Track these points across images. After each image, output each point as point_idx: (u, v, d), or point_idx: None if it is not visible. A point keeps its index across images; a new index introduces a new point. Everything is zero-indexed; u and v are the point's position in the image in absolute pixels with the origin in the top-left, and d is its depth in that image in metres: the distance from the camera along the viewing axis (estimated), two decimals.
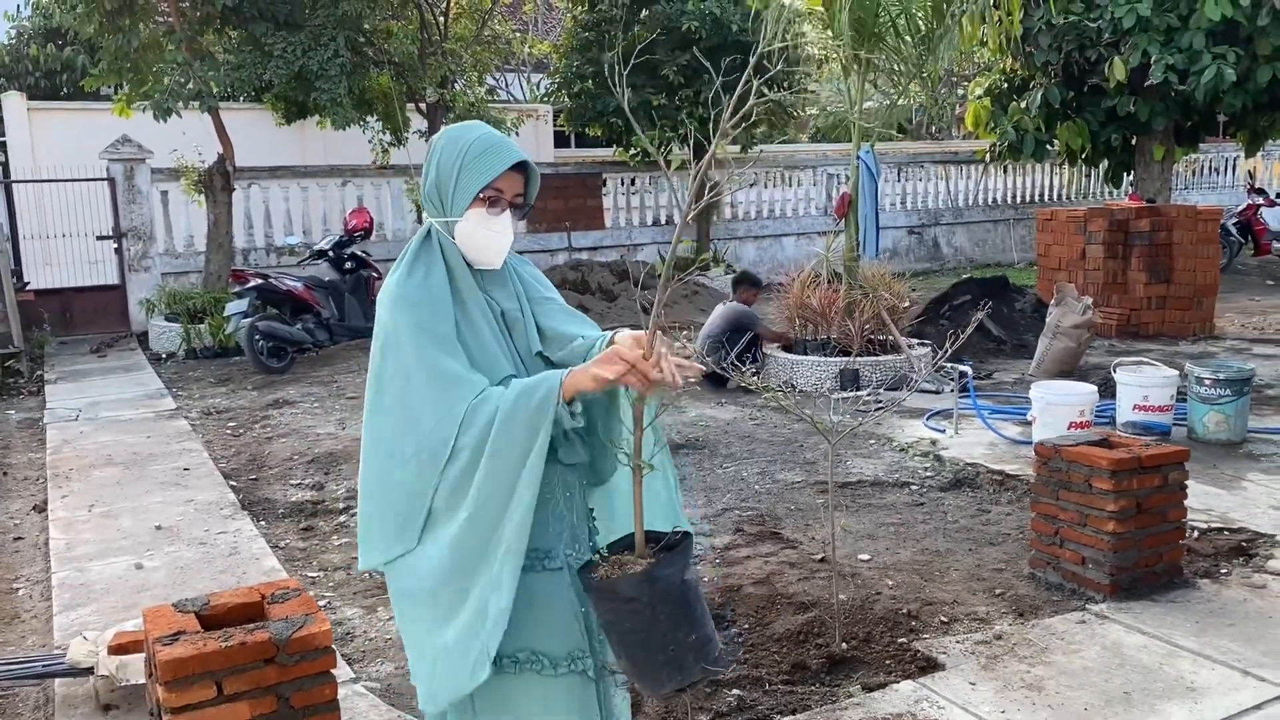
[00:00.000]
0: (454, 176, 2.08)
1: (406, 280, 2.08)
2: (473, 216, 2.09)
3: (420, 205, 11.31)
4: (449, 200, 2.10)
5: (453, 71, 11.65)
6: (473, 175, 2.07)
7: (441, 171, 2.10)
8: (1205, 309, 10.18)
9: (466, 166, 2.07)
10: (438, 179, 2.11)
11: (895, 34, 8.55)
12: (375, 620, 4.14)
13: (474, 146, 2.08)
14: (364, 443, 2.13)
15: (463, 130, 2.12)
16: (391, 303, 2.05)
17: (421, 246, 2.12)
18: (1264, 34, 12.12)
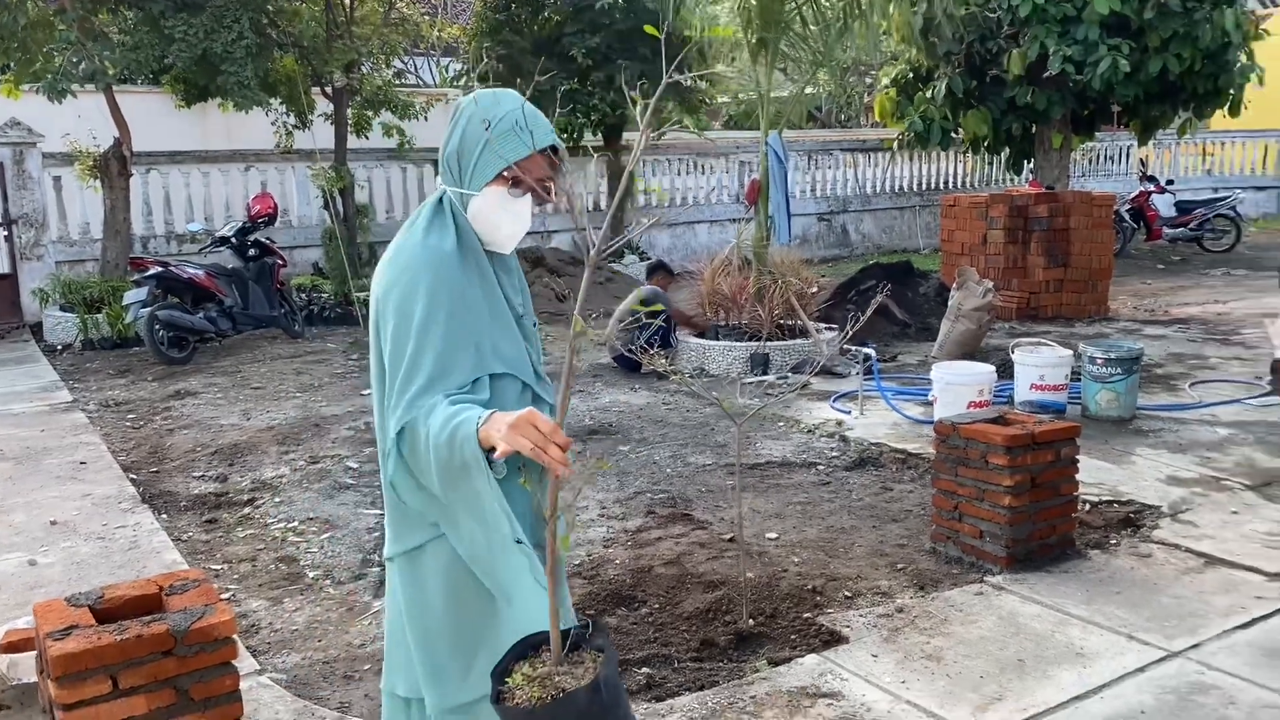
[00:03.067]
0: (478, 148, 1.98)
1: (426, 241, 1.98)
2: (491, 194, 2.00)
3: (328, 190, 11.07)
4: (469, 172, 2.00)
5: (360, 54, 11.43)
6: (499, 151, 1.96)
7: (466, 140, 2.00)
8: (1100, 292, 10.56)
9: (494, 140, 1.96)
10: (460, 147, 2.01)
11: (802, 22, 8.66)
12: (281, 612, 4.08)
13: (505, 120, 1.97)
14: (377, 403, 2.08)
15: (495, 99, 2.01)
16: (408, 257, 1.97)
17: (435, 213, 2.02)
18: (1153, 27, 12.58)
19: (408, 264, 1.97)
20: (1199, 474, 5.34)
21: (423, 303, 1.93)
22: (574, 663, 1.80)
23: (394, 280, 1.97)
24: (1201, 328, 9.61)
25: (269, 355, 9.50)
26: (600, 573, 4.28)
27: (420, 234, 2.00)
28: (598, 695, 1.71)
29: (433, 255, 1.97)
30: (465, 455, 1.85)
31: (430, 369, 1.93)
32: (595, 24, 12.87)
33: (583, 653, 1.82)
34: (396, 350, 1.95)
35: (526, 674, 1.77)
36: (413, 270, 1.96)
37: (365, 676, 3.55)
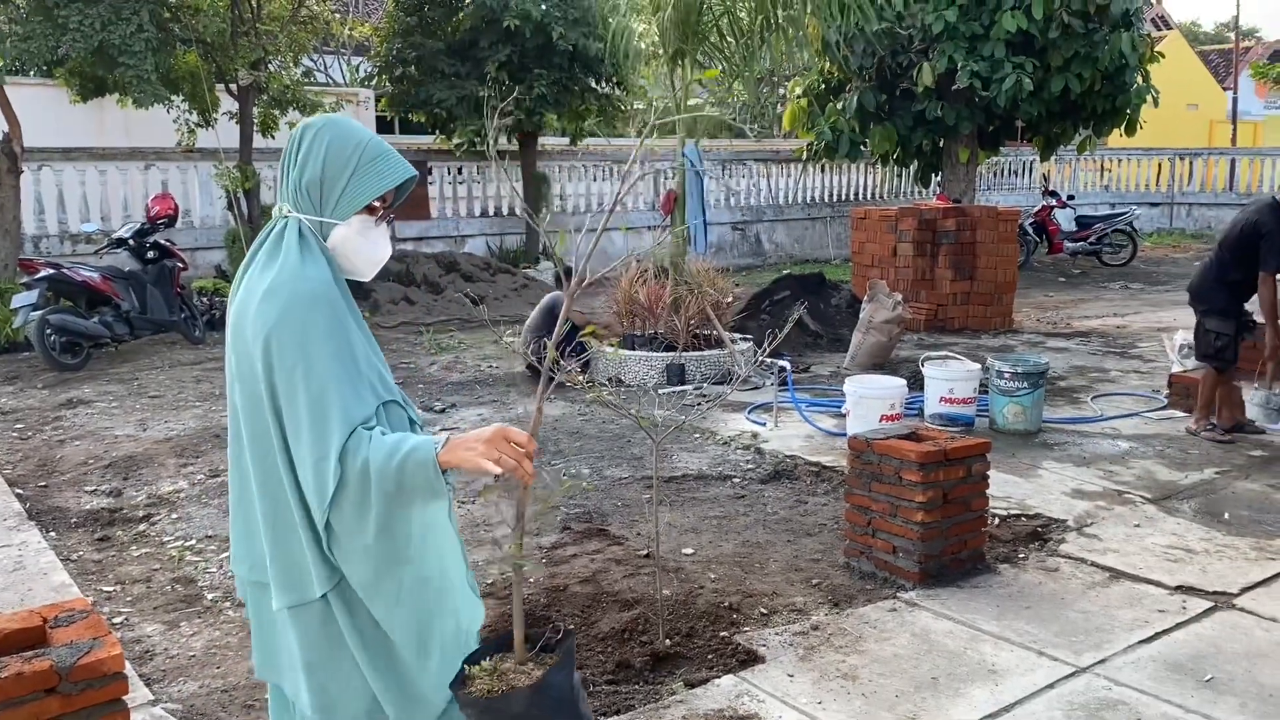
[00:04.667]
0: (345, 177, 1.94)
1: (304, 272, 1.88)
2: (355, 223, 1.97)
3: (232, 190, 10.72)
4: (332, 201, 1.95)
5: (266, 52, 11.11)
6: (367, 180, 1.95)
7: (329, 168, 1.94)
8: (1005, 304, 10.82)
9: (362, 169, 1.94)
10: (323, 175, 1.94)
11: (719, 34, 8.68)
12: (177, 636, 3.90)
13: (369, 149, 1.95)
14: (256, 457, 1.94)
15: (349, 126, 1.98)
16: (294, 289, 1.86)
17: (301, 244, 1.93)
18: (1056, 47, 12.98)
19: (294, 298, 1.86)
20: (1102, 487, 5.47)
21: (320, 338, 1.86)
22: (537, 663, 1.87)
23: (282, 318, 1.85)
24: (1102, 340, 9.91)
25: (168, 362, 9.15)
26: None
27: (295, 266, 1.90)
28: (540, 696, 1.78)
29: (317, 288, 1.89)
30: (419, 482, 1.81)
31: (340, 405, 1.84)
32: (508, 36, 12.73)
33: (547, 656, 1.88)
34: (298, 390, 1.85)
35: (487, 668, 1.87)
36: (303, 305, 1.86)
37: (266, 705, 3.40)
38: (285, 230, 1.95)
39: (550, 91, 13.11)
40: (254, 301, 1.89)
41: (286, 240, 1.93)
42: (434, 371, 8.68)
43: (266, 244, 1.96)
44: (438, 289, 12.16)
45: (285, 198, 1.99)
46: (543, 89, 12.94)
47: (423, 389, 7.96)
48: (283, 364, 1.85)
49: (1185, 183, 21.80)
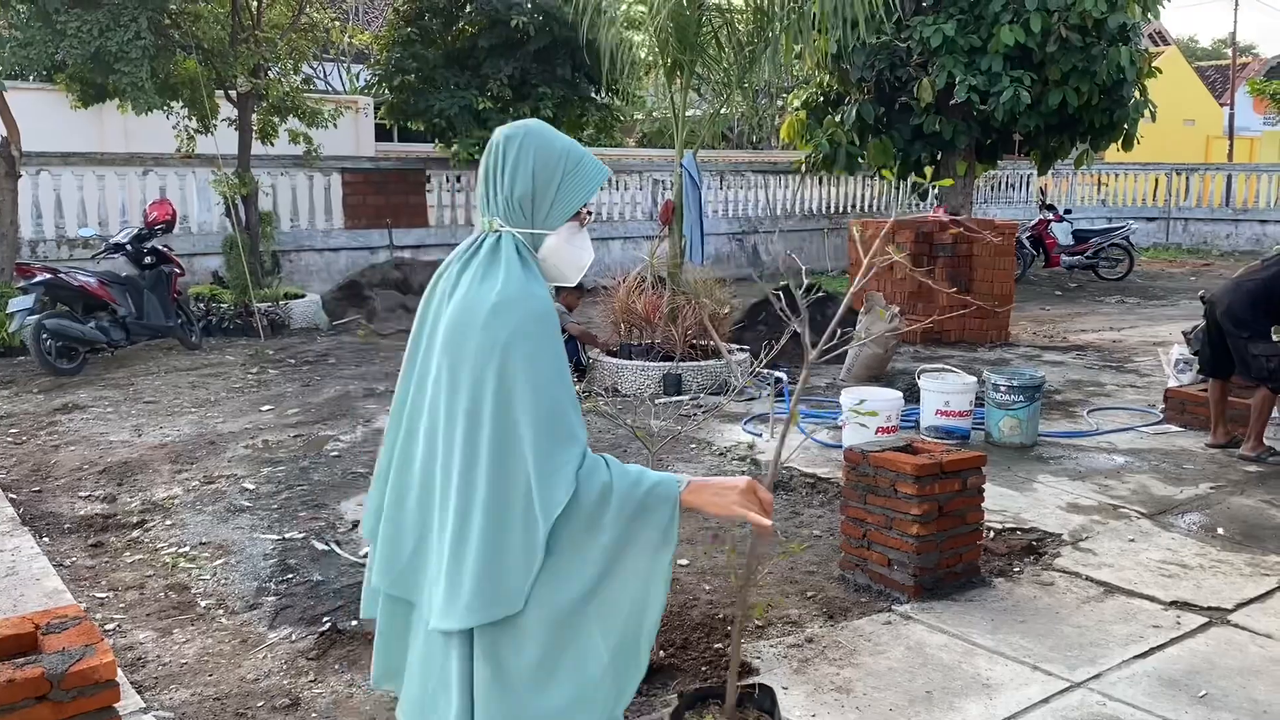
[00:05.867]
0: (554, 186, 1.95)
1: (530, 289, 1.88)
2: (564, 231, 1.98)
3: (230, 197, 10.70)
4: (545, 211, 1.95)
5: (266, 59, 11.12)
6: (574, 187, 1.96)
7: (539, 179, 1.94)
8: (1002, 318, 10.83)
9: (568, 176, 1.96)
10: (533, 187, 1.94)
11: (717, 45, 8.71)
12: (170, 644, 3.88)
13: (571, 155, 1.97)
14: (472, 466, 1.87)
15: (551, 134, 1.98)
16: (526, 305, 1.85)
17: (520, 257, 1.92)
18: (1053, 60, 13.03)
19: (528, 314, 1.86)
20: (1098, 501, 5.48)
21: (551, 356, 1.88)
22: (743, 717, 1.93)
23: (517, 332, 1.84)
24: (1098, 354, 9.93)
25: (164, 368, 9.14)
26: None
27: (521, 282, 1.89)
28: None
29: (545, 306, 1.89)
30: (656, 518, 1.86)
31: (572, 424, 1.86)
32: (510, 40, 12.74)
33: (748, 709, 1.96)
34: (534, 404, 1.83)
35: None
36: (535, 321, 1.86)
37: (258, 714, 3.39)
38: (500, 244, 1.93)
39: (554, 112, 13.13)
40: (480, 313, 1.86)
41: (505, 255, 1.92)
42: None
43: (480, 257, 1.94)
44: None
45: (495, 212, 1.96)
46: (549, 109, 12.94)
47: None
48: (518, 377, 1.84)
49: (1182, 198, 21.87)
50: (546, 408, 1.84)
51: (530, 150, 1.94)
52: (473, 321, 1.87)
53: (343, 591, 4.32)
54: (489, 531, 1.86)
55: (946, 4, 13.48)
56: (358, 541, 4.91)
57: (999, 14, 12.99)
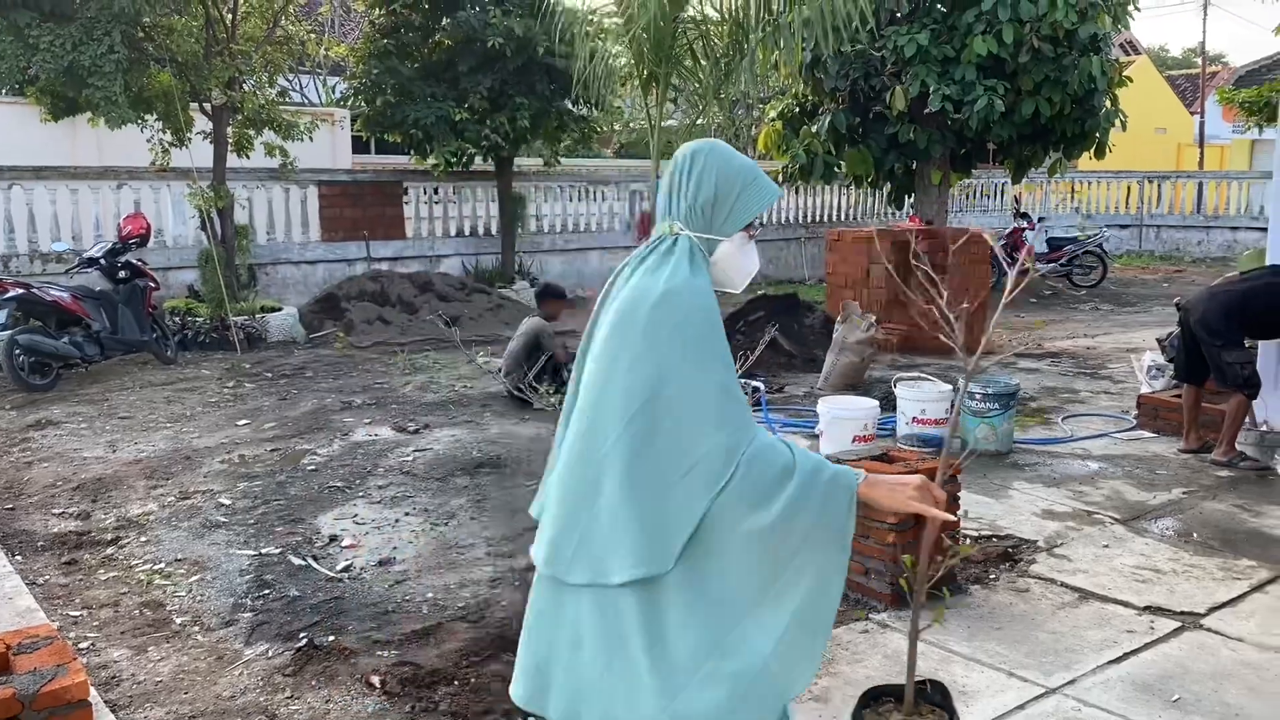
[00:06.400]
0: (732, 197, 2.11)
1: (696, 283, 2.02)
2: (736, 239, 2.14)
3: (205, 210, 10.61)
4: (721, 219, 2.11)
5: (241, 72, 11.08)
6: (750, 200, 2.12)
7: (721, 189, 2.10)
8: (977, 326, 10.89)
9: (746, 190, 2.12)
10: (716, 196, 2.10)
11: (693, 57, 8.75)
12: (145, 662, 3.85)
13: (749, 170, 2.14)
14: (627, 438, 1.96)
15: (731, 151, 2.16)
16: (693, 295, 1.99)
17: (690, 258, 2.06)
18: (1026, 70, 13.15)
19: (695, 302, 2.00)
20: (1072, 508, 5.52)
21: (720, 341, 2.00)
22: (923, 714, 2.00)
23: (687, 317, 1.98)
24: (1072, 361, 10.01)
25: (139, 382, 9.07)
26: (486, 615, 4.17)
27: (688, 276, 2.03)
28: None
29: (711, 300, 2.04)
30: (834, 506, 1.97)
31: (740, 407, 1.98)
32: (489, 57, 12.75)
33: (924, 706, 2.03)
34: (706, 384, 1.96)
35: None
36: (703, 309, 2.01)
37: None
38: (676, 245, 2.08)
39: (531, 121, 13.14)
40: (648, 300, 1.99)
41: (678, 252, 2.06)
42: (408, 392, 8.65)
43: (656, 254, 2.08)
44: (413, 309, 12.14)
45: (676, 215, 2.12)
46: (526, 120, 12.96)
47: (396, 409, 7.93)
48: (683, 360, 1.96)
49: (1154, 205, 22.11)
50: (710, 391, 1.96)
51: (715, 162, 2.12)
52: (640, 306, 2.00)
53: (319, 607, 4.30)
54: (645, 498, 1.95)
55: (920, 14, 13.59)
56: (335, 556, 4.89)
57: (972, 24, 13.10)
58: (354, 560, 4.83)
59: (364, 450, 6.75)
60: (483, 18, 12.72)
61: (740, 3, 8.41)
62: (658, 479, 1.95)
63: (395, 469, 6.32)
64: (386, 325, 11.72)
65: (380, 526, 5.29)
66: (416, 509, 5.57)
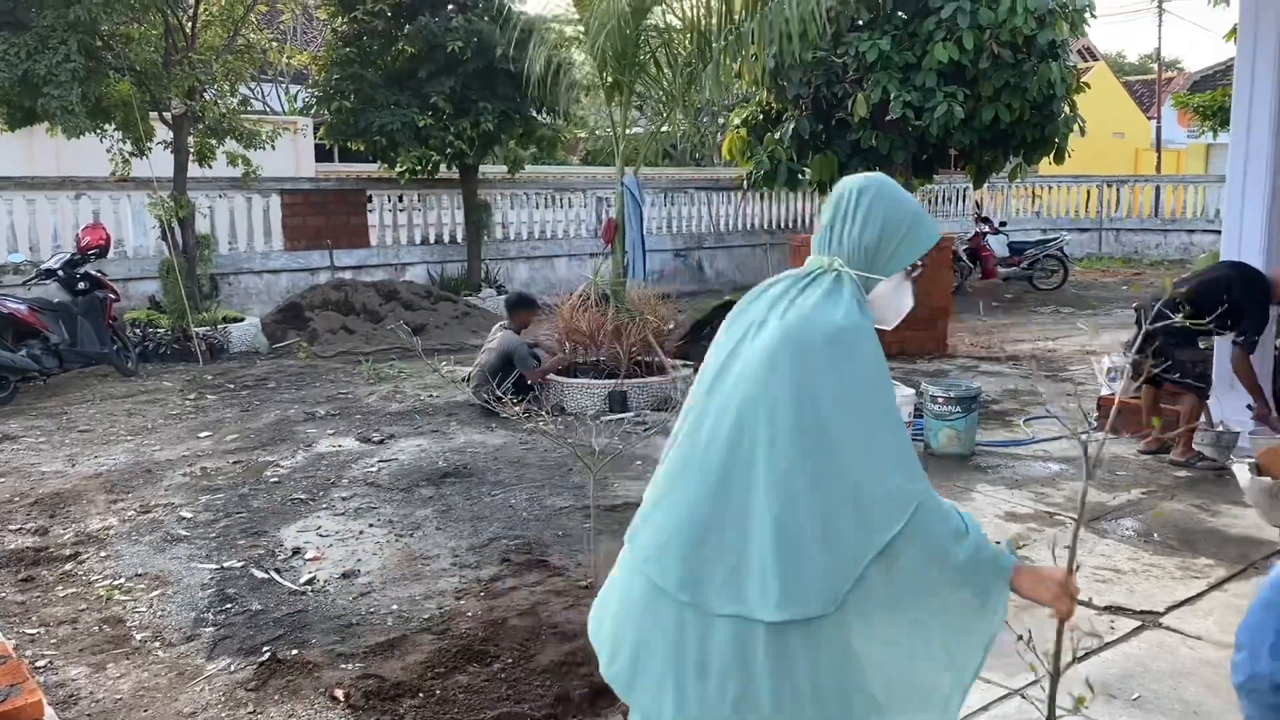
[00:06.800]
0: (897, 238, 2.10)
1: (864, 323, 2.02)
2: (895, 279, 2.13)
3: (166, 221, 10.48)
4: (885, 259, 2.10)
5: (201, 81, 10.98)
6: (914, 242, 2.12)
7: (887, 230, 2.09)
8: (940, 330, 11.00)
9: (912, 230, 2.12)
10: (881, 237, 2.09)
11: (656, 65, 8.78)
12: (104, 679, 3.80)
13: (914, 211, 2.14)
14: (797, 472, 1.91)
15: (900, 191, 2.15)
16: (867, 336, 1.99)
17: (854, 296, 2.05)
18: (986, 77, 13.31)
19: (871, 346, 1.99)
20: (1034, 509, 5.58)
21: (890, 393, 2.00)
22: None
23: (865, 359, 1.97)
24: (1034, 364, 10.12)
25: (99, 395, 8.95)
26: (451, 627, 4.15)
27: (858, 315, 2.02)
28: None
29: (878, 342, 2.01)
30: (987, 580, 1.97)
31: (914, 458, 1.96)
32: (450, 62, 12.72)
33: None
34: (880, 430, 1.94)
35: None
36: (877, 354, 1.99)
37: None
38: (840, 280, 2.06)
39: (495, 126, 13.12)
40: (821, 334, 1.97)
41: (847, 290, 2.04)
42: (373, 402, 8.59)
43: (816, 287, 2.05)
44: (377, 318, 12.06)
45: (838, 251, 2.11)
46: (489, 124, 12.93)
47: (360, 419, 7.88)
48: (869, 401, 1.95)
49: (1113, 209, 22.42)
50: (888, 434, 1.94)
51: (883, 201, 2.11)
52: (812, 339, 1.97)
53: (283, 620, 4.26)
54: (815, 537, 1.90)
55: (881, 21, 13.72)
56: (298, 569, 4.85)
57: (933, 31, 13.25)
58: (318, 573, 4.79)
59: (328, 461, 6.70)
60: (444, 23, 12.69)
61: (702, 11, 8.44)
62: (829, 519, 1.90)
63: (359, 480, 6.28)
64: (350, 334, 11.64)
65: (344, 538, 5.25)
66: (381, 520, 5.53)
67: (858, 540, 1.89)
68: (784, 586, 1.89)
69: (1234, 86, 6.80)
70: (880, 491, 1.89)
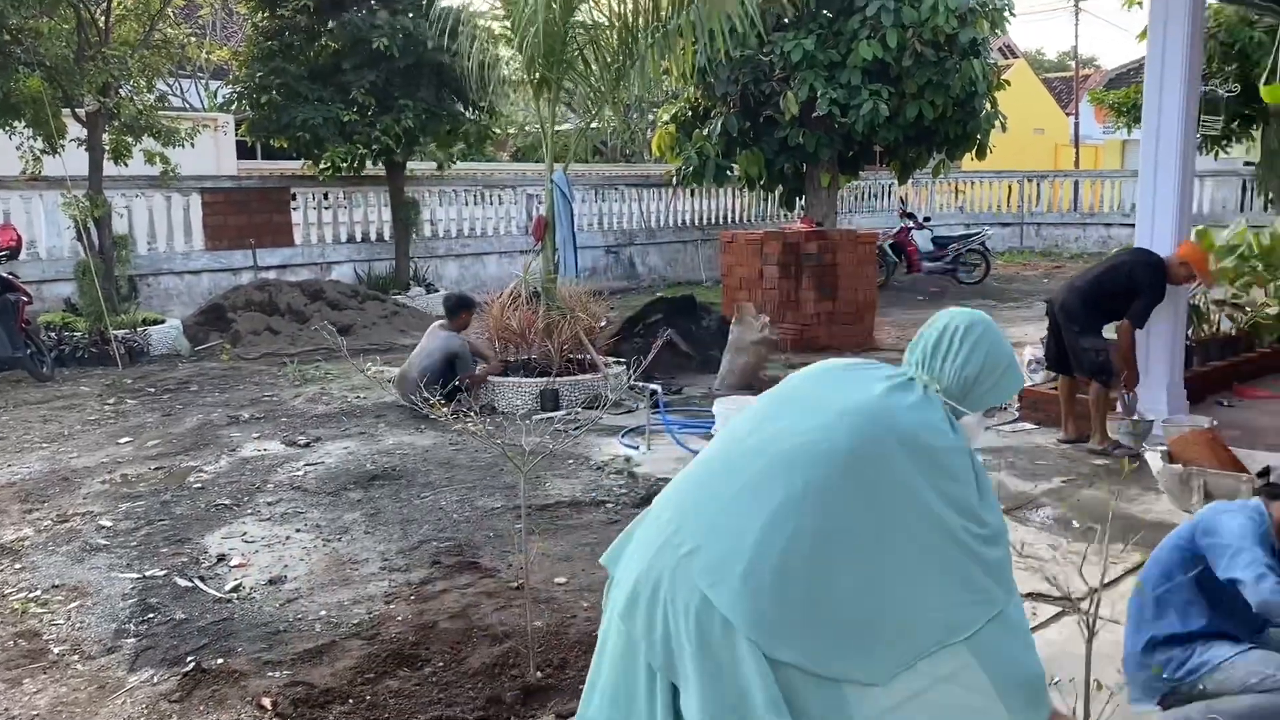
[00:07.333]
0: (994, 379, 2.28)
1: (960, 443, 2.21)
2: (977, 416, 2.35)
3: (81, 221, 10.18)
4: (974, 396, 2.28)
5: (116, 77, 10.67)
6: (1006, 387, 2.33)
7: (986, 369, 2.27)
8: (866, 323, 11.18)
9: (1005, 378, 2.31)
10: (980, 374, 2.26)
11: (584, 62, 8.76)
12: (20, 695, 3.68)
13: (1010, 356, 2.33)
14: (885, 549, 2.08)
15: (1002, 338, 2.33)
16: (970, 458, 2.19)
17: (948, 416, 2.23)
18: (909, 74, 13.54)
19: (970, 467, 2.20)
20: None
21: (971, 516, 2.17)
22: None
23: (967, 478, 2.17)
24: None
25: (12, 401, 8.67)
26: (381, 631, 4.10)
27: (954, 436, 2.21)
28: None
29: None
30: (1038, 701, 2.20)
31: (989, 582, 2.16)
32: (376, 57, 12.56)
33: None
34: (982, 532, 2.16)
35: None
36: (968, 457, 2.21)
37: None
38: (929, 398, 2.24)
39: (418, 123, 12.99)
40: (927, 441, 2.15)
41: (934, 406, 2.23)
42: (299, 404, 8.45)
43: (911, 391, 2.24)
44: (303, 318, 11.86)
45: (933, 372, 2.29)
46: (410, 120, 12.80)
47: (286, 422, 7.74)
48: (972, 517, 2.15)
49: (1034, 203, 22.97)
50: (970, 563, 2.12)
51: (987, 342, 2.29)
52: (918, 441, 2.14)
53: (208, 629, 4.18)
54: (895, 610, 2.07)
55: (806, 20, 13.87)
56: (223, 576, 4.75)
57: (857, 30, 13.44)
58: (243, 580, 4.70)
59: (253, 466, 6.57)
60: (369, 19, 12.53)
61: (630, 7, 8.45)
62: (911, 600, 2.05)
63: (286, 484, 6.17)
64: (275, 335, 11.42)
65: (270, 544, 5.17)
66: (308, 525, 5.45)
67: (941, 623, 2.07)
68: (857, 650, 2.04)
69: (1145, 85, 7.01)
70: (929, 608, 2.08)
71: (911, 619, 2.06)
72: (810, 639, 2.01)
